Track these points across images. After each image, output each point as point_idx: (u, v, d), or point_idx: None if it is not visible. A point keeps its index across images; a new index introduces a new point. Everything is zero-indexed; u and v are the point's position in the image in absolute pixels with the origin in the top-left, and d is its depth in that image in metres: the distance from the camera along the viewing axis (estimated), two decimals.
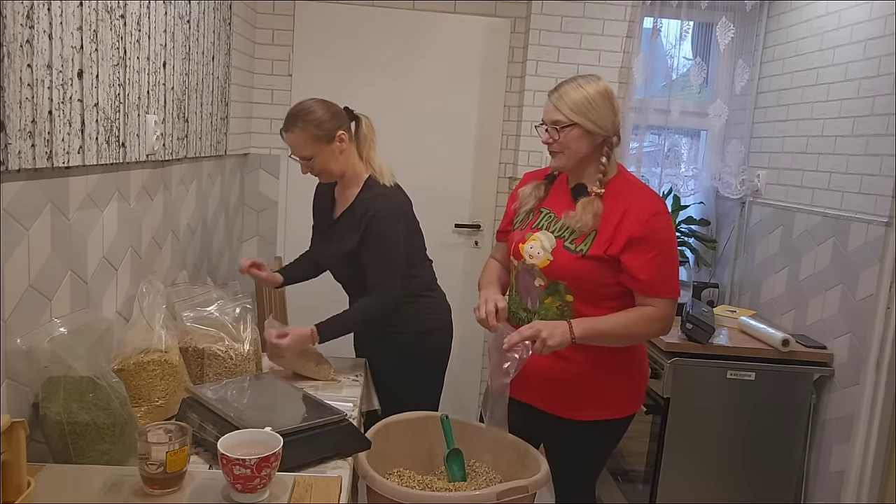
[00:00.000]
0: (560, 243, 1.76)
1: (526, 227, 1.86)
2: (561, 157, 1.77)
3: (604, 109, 1.74)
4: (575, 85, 1.74)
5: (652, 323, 1.73)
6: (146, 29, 1.70)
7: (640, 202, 1.74)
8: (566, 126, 1.73)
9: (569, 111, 1.72)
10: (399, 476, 1.83)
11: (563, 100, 1.73)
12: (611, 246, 1.71)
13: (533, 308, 1.81)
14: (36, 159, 1.23)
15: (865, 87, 2.44)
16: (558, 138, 1.74)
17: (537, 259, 1.78)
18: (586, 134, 1.73)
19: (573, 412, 1.83)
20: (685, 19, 3.16)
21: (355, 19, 3.26)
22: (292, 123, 2.06)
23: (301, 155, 2.07)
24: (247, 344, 1.86)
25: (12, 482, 1.03)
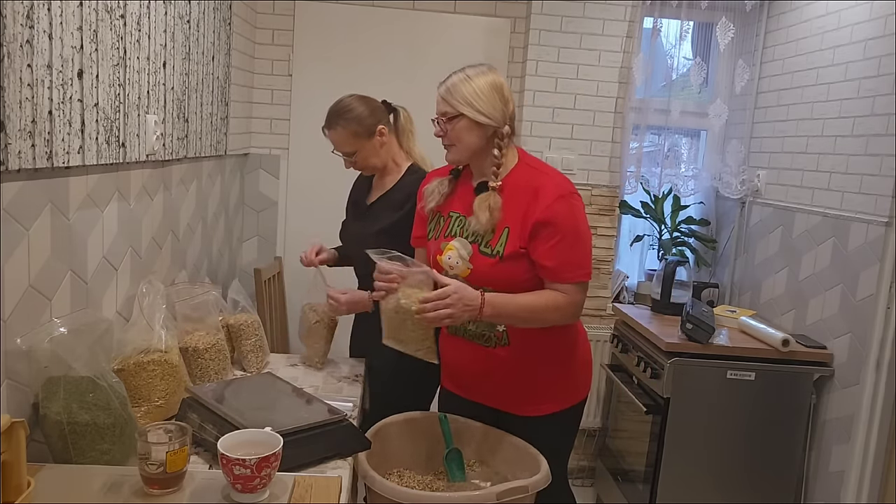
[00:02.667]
0: (476, 249, 1.73)
1: (440, 237, 1.81)
2: (454, 150, 1.75)
3: (492, 99, 1.70)
4: (463, 76, 1.73)
5: (561, 310, 1.70)
6: (146, 29, 1.70)
7: (542, 186, 1.70)
8: (454, 117, 1.70)
9: (455, 102, 1.70)
10: (399, 476, 1.83)
11: (451, 91, 1.71)
12: (520, 238, 1.69)
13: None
14: (36, 159, 1.23)
15: (865, 87, 2.44)
16: (448, 130, 1.72)
17: (458, 269, 1.74)
18: (475, 125, 1.70)
19: (527, 409, 1.84)
20: (685, 19, 3.16)
21: (355, 19, 3.26)
22: (334, 121, 2.14)
23: (344, 151, 2.15)
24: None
25: (12, 482, 1.03)
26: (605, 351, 3.28)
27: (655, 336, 2.65)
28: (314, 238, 2.34)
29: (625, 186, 3.27)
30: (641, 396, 2.71)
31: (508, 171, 1.75)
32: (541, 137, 3.24)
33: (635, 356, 2.79)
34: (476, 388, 1.90)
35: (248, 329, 2.04)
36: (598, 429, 3.29)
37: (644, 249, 3.49)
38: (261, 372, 2.03)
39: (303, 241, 2.32)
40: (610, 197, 3.31)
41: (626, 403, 2.89)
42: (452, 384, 1.96)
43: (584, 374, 1.93)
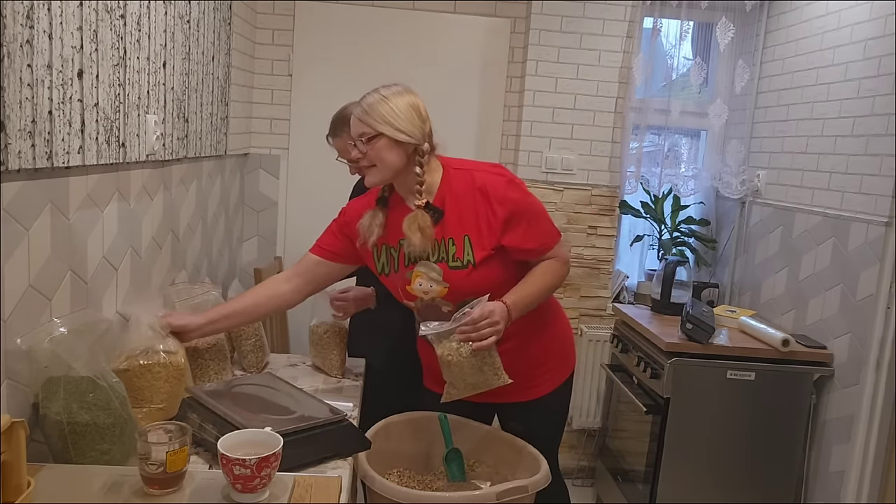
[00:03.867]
0: (444, 267, 1.72)
1: (400, 268, 1.78)
2: (375, 171, 1.70)
3: (410, 117, 1.68)
4: (378, 96, 1.68)
5: (559, 272, 1.80)
6: (146, 29, 1.70)
7: (488, 182, 1.72)
8: (372, 137, 1.66)
9: (373, 121, 1.66)
10: (399, 476, 1.83)
11: (368, 111, 1.67)
12: (490, 239, 1.70)
13: None
14: (36, 159, 1.23)
15: (865, 87, 2.44)
16: (367, 151, 1.67)
17: (434, 292, 1.74)
18: (395, 143, 1.67)
19: (524, 394, 1.86)
20: (685, 19, 3.16)
21: (355, 19, 3.26)
22: (339, 129, 2.17)
23: (348, 158, 2.17)
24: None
25: (12, 482, 1.03)
26: (605, 351, 3.28)
27: (655, 336, 2.65)
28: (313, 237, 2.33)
29: (625, 186, 3.28)
30: (641, 396, 2.71)
31: (437, 184, 1.74)
32: (541, 137, 3.24)
33: (635, 356, 2.79)
34: None
35: (248, 329, 2.03)
36: (598, 429, 3.29)
37: (644, 249, 3.50)
38: (261, 372, 2.03)
39: (303, 242, 2.32)
40: (610, 197, 3.31)
41: (626, 403, 2.89)
42: (440, 387, 1.93)
43: (569, 346, 1.98)
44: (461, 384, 1.69)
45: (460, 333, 1.62)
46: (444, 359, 1.65)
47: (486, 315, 1.62)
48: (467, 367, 1.65)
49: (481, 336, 1.61)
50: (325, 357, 2.08)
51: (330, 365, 2.07)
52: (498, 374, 1.69)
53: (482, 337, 1.61)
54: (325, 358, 2.08)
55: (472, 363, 1.64)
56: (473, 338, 1.61)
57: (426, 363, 1.97)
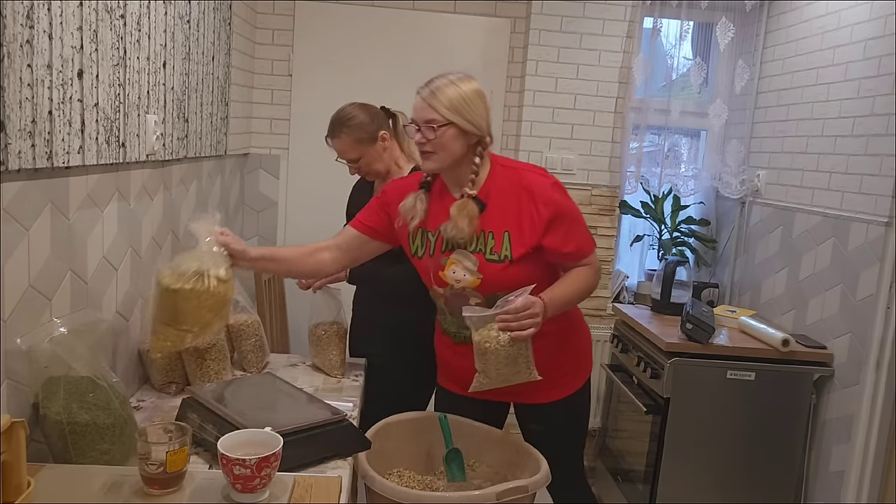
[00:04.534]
0: (482, 258, 1.71)
1: (435, 253, 1.76)
2: (435, 158, 1.68)
3: (479, 108, 1.68)
4: (450, 84, 1.66)
5: (593, 276, 1.81)
6: (146, 29, 1.70)
7: (534, 182, 1.72)
8: (442, 125, 1.64)
9: (444, 109, 1.63)
10: (399, 476, 1.83)
11: (438, 97, 1.64)
12: (531, 238, 1.70)
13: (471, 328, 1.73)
14: (36, 159, 1.23)
15: (865, 87, 2.44)
16: (433, 138, 1.65)
17: (466, 281, 1.72)
18: (462, 134, 1.66)
19: (543, 395, 1.85)
20: (685, 19, 3.16)
21: (355, 19, 3.26)
22: (337, 130, 2.18)
23: (348, 158, 2.20)
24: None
25: (12, 482, 1.03)
26: (605, 351, 3.28)
27: (655, 336, 2.65)
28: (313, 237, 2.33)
29: (625, 186, 3.28)
30: (641, 396, 2.71)
31: (484, 177, 1.74)
32: (541, 137, 3.24)
33: (635, 356, 2.79)
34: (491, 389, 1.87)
35: (248, 329, 2.04)
36: (598, 429, 3.29)
37: (644, 249, 3.50)
38: (261, 372, 2.03)
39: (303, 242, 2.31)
40: (610, 197, 3.31)
41: (626, 403, 2.89)
42: (456, 384, 1.94)
43: (588, 348, 1.98)
44: (493, 373, 1.65)
45: (500, 322, 1.59)
46: (480, 345, 1.62)
47: (528, 306, 1.59)
48: (503, 356, 1.61)
49: (521, 326, 1.59)
50: (325, 357, 2.08)
51: (330, 365, 2.07)
52: (529, 369, 1.66)
53: (522, 328, 1.59)
54: (325, 358, 2.08)
55: (509, 353, 1.61)
56: (513, 327, 1.59)
57: (443, 360, 1.96)
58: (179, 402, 1.61)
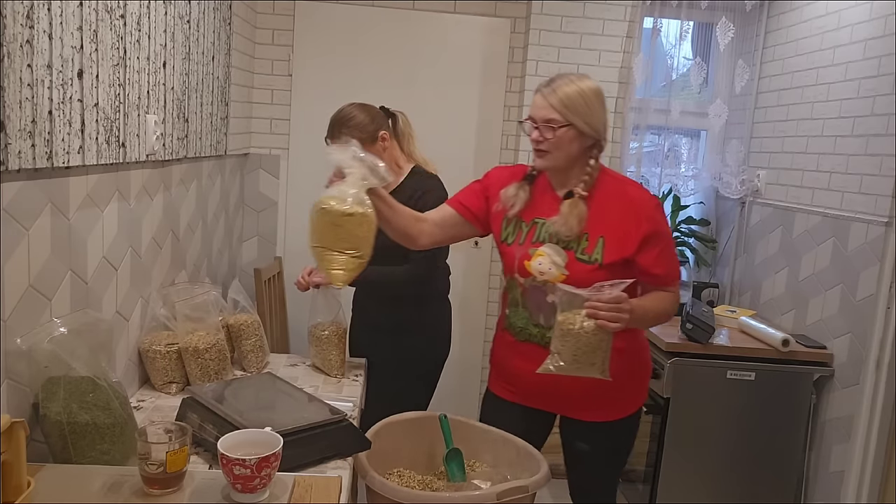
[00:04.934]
0: (572, 255, 1.71)
1: (525, 242, 1.77)
2: (549, 157, 1.71)
3: (599, 111, 1.70)
4: (573, 85, 1.67)
5: (674, 304, 1.79)
6: (146, 29, 1.70)
7: (639, 197, 1.74)
8: (562, 126, 1.66)
9: (565, 110, 1.65)
10: (399, 476, 1.83)
11: (560, 97, 1.66)
12: (625, 248, 1.70)
13: (546, 323, 1.74)
14: (36, 159, 1.23)
15: (865, 87, 2.44)
16: (551, 137, 1.68)
17: (550, 275, 1.71)
18: (580, 135, 1.68)
19: (599, 414, 1.82)
20: (685, 19, 3.16)
21: (355, 19, 3.26)
22: (337, 130, 2.17)
23: None
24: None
25: (12, 482, 1.02)
26: None
27: (655, 336, 2.65)
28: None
29: None
30: None
31: (594, 181, 1.74)
32: None
33: None
34: (543, 394, 1.84)
35: (248, 329, 2.04)
36: None
37: None
38: (261, 372, 2.03)
39: (303, 242, 2.30)
40: None
41: None
42: (508, 390, 1.91)
43: (647, 378, 1.94)
44: (569, 358, 1.59)
45: (590, 307, 1.55)
46: (563, 326, 1.58)
47: (620, 300, 1.56)
48: (584, 342, 1.57)
49: (609, 318, 1.55)
50: (325, 357, 2.08)
51: (330, 365, 2.07)
52: (604, 366, 1.61)
53: (610, 319, 1.55)
54: (325, 358, 2.08)
55: (590, 341, 1.57)
56: (602, 316, 1.54)
57: (498, 361, 1.93)
58: (179, 402, 1.61)
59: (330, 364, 2.07)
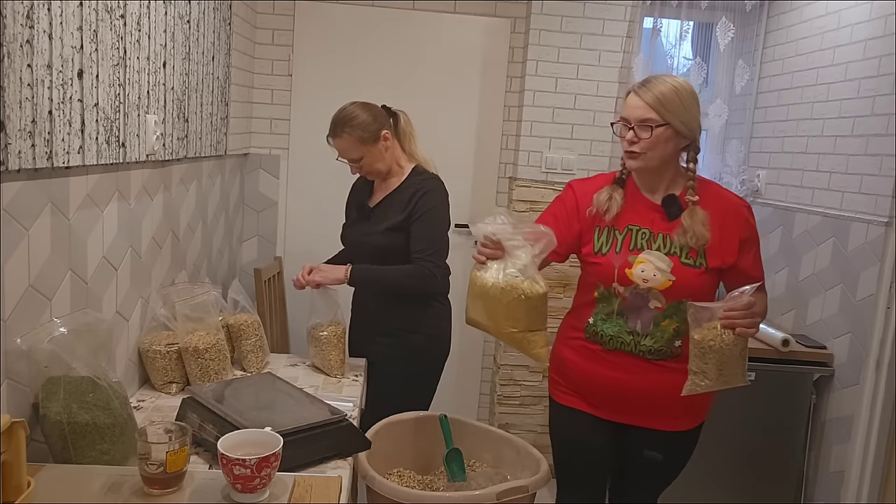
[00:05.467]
0: (676, 261, 1.66)
1: (623, 250, 1.71)
2: (643, 158, 1.66)
3: (694, 112, 1.67)
4: (669, 84, 1.64)
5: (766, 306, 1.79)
6: (146, 29, 1.70)
7: (735, 202, 1.74)
8: (660, 126, 1.62)
9: (662, 108, 1.61)
10: (399, 476, 1.83)
11: (655, 95, 1.62)
12: (726, 252, 1.68)
13: (643, 331, 1.69)
14: (36, 159, 1.23)
15: (865, 87, 2.44)
16: (648, 137, 1.63)
17: (655, 282, 1.66)
18: (675, 136, 1.65)
19: (674, 423, 1.79)
20: (685, 19, 3.16)
21: (355, 19, 3.26)
22: (339, 129, 2.16)
23: (350, 157, 2.18)
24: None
25: (12, 482, 1.03)
26: None
27: None
28: (313, 237, 2.34)
29: None
30: None
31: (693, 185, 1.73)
32: (541, 137, 3.24)
33: None
34: (617, 404, 1.78)
35: (248, 329, 2.04)
36: None
37: None
38: (261, 372, 2.03)
39: (303, 242, 2.32)
40: None
41: None
42: (577, 399, 1.83)
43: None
44: (714, 374, 1.55)
45: (725, 318, 1.51)
46: (703, 344, 1.54)
47: (751, 305, 1.53)
48: (726, 355, 1.53)
49: (747, 325, 1.52)
50: (324, 357, 2.08)
51: (329, 365, 2.07)
52: (744, 373, 1.58)
53: (747, 326, 1.52)
54: (324, 358, 2.08)
55: (732, 352, 1.53)
56: (739, 324, 1.52)
57: (577, 371, 1.81)
58: (179, 402, 1.61)
59: (330, 364, 2.07)
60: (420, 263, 2.10)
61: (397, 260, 2.13)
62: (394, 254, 2.13)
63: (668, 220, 1.69)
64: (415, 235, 2.12)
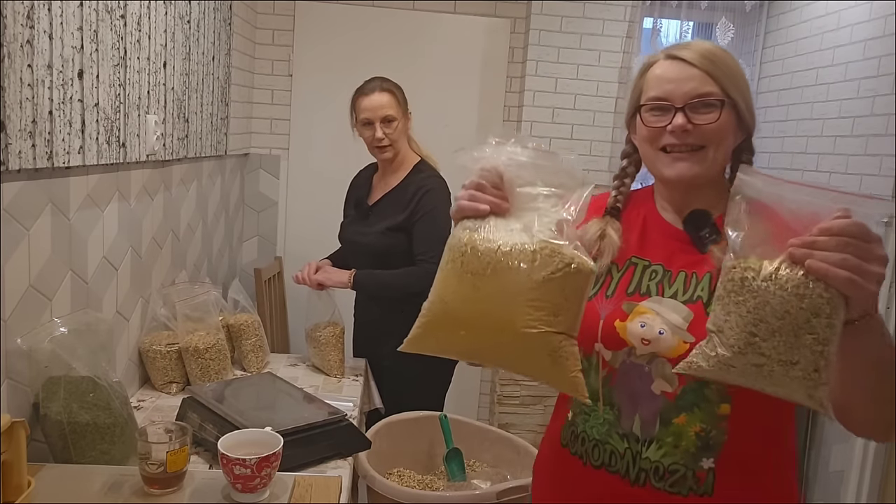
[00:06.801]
0: (700, 311, 0.99)
1: (617, 293, 1.06)
2: (702, 158, 1.01)
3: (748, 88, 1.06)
4: (700, 42, 1.06)
5: None
6: (146, 29, 1.70)
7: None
8: (724, 105, 1.00)
9: (725, 79, 1.01)
10: (399, 476, 1.83)
11: (710, 59, 1.01)
12: None
13: (646, 434, 1.01)
14: (36, 159, 1.23)
15: (865, 87, 2.44)
16: (715, 121, 1.00)
17: (661, 345, 0.99)
18: (739, 122, 1.03)
19: None
20: (685, 19, 3.16)
21: (355, 19, 3.26)
22: (384, 84, 2.15)
23: (386, 116, 2.12)
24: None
25: (12, 482, 1.03)
26: None
27: None
28: (313, 237, 2.34)
29: None
30: None
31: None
32: (541, 137, 3.24)
33: None
34: None
35: (248, 329, 2.04)
36: None
37: None
38: (261, 372, 2.03)
39: (303, 242, 2.32)
40: None
41: None
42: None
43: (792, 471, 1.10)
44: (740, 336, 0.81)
45: (799, 244, 0.79)
46: (733, 274, 0.83)
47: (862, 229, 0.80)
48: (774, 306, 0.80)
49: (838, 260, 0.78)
50: (324, 357, 2.08)
51: (329, 365, 2.07)
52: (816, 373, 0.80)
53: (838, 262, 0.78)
54: (324, 358, 2.08)
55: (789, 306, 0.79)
56: (821, 256, 0.78)
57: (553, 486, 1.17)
58: (179, 402, 1.62)
59: (329, 365, 2.07)
60: (424, 266, 2.09)
61: (396, 262, 2.11)
62: (393, 256, 2.12)
63: (698, 250, 1.04)
64: (417, 236, 2.11)
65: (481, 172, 0.96)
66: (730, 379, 0.84)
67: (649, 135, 1.05)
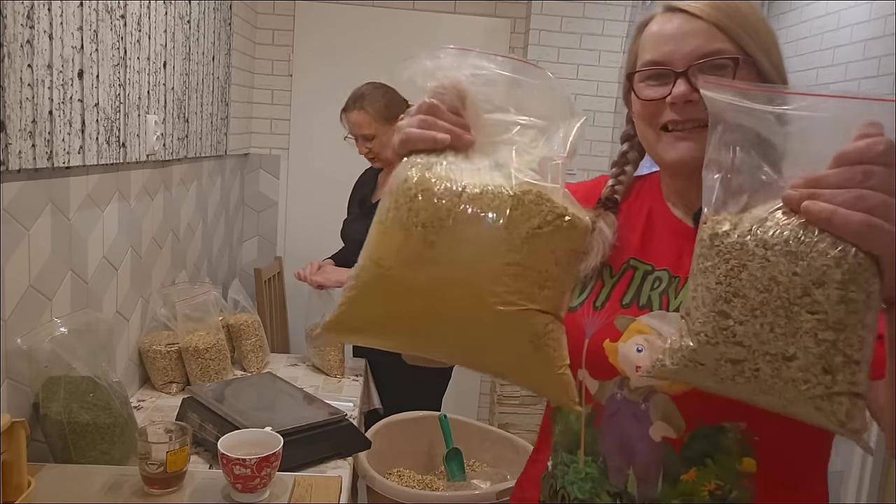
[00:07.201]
0: None
1: (608, 306, 0.84)
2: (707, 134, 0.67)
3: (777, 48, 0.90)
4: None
5: None
6: (146, 29, 1.71)
7: None
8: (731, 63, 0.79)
9: (742, 33, 0.81)
10: (399, 476, 1.84)
11: (724, 11, 0.80)
12: None
13: (645, 494, 0.80)
14: (36, 159, 1.23)
15: (865, 87, 2.44)
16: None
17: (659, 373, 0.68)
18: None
19: None
20: None
21: (355, 19, 3.26)
22: (357, 103, 2.15)
23: (363, 133, 2.14)
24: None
25: (12, 482, 1.03)
26: None
27: None
28: (313, 237, 2.34)
29: None
30: None
31: None
32: None
33: None
34: None
35: (248, 329, 2.04)
36: None
37: None
38: (261, 372, 2.03)
39: (303, 242, 2.33)
40: None
41: None
42: None
43: None
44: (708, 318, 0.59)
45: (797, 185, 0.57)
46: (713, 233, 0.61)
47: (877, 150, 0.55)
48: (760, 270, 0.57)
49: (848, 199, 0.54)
50: (324, 357, 2.08)
51: (329, 365, 2.07)
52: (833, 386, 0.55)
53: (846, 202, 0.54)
54: (324, 358, 2.08)
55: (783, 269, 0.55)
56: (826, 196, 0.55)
57: None
58: (180, 402, 1.62)
59: (329, 364, 2.07)
60: None
61: None
62: None
63: None
64: None
65: (436, 90, 0.72)
66: (701, 382, 0.61)
67: (646, 110, 0.83)
